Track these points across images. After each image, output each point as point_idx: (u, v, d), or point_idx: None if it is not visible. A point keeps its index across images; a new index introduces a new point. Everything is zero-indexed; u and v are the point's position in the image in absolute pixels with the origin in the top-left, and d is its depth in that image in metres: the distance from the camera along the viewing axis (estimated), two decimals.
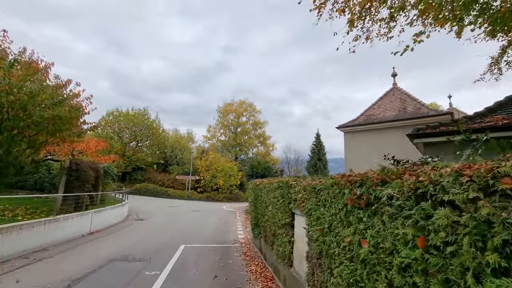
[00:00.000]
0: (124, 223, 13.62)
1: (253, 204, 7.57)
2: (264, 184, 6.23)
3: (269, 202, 5.76)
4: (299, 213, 3.95)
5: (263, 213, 6.37)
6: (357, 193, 2.18)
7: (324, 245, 2.84)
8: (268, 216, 5.78)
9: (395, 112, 15.16)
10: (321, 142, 46.26)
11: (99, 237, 9.65)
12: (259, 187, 6.70)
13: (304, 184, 3.71)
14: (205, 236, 10.41)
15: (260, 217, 6.75)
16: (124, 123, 37.67)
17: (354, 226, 2.23)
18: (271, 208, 5.44)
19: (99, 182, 12.94)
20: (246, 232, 11.78)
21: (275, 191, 5.25)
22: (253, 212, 7.57)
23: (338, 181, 2.63)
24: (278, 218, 4.92)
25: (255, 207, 7.33)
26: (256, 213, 7.27)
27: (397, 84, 16.73)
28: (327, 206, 2.83)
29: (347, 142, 16.22)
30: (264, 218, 6.24)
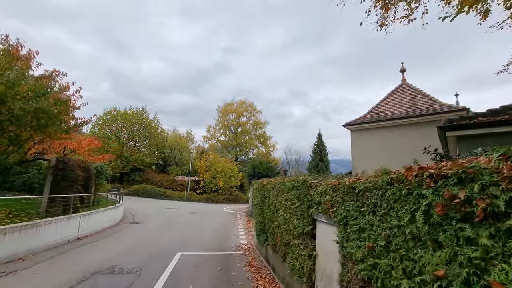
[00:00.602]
0: (118, 226, 12.69)
1: (258, 207, 6.67)
2: (273, 184, 5.33)
3: (279, 205, 4.86)
4: (325, 220, 3.04)
5: (271, 218, 5.47)
6: (459, 195, 1.29)
7: (377, 270, 1.94)
8: (278, 221, 4.87)
9: (405, 109, 14.28)
10: (323, 143, 45.48)
11: (87, 243, 8.73)
12: (266, 188, 5.80)
13: (334, 183, 2.81)
14: (204, 241, 9.49)
15: (267, 222, 5.84)
16: (122, 123, 36.73)
17: (451, 250, 1.33)
18: (283, 213, 4.54)
19: (90, 183, 12.03)
20: (248, 237, 10.86)
21: (288, 192, 4.35)
22: (259, 216, 6.66)
23: (402, 177, 1.73)
24: (293, 225, 4.02)
25: (261, 211, 6.43)
26: (262, 217, 6.36)
27: (406, 80, 15.90)
28: (381, 213, 1.92)
29: (354, 141, 15.37)
30: (273, 223, 5.33)
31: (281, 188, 4.76)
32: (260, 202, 6.37)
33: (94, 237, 9.70)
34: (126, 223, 13.84)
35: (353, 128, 15.08)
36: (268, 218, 5.70)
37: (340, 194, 2.65)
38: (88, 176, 11.67)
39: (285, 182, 4.61)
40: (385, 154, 13.11)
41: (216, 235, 10.83)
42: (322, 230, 3.20)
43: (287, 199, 4.43)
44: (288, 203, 4.33)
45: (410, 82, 15.77)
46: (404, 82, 15.84)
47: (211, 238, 10.22)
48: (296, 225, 3.93)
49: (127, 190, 34.19)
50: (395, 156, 13.19)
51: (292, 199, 4.11)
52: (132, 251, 7.73)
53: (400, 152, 12.94)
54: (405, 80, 15.92)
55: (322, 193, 3.12)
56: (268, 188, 5.66)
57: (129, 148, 37.25)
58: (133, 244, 8.80)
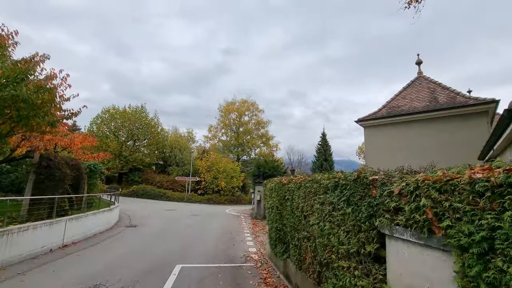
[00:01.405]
0: (111, 231, 11.51)
1: (275, 211, 5.48)
2: (299, 183, 4.15)
3: (310, 210, 3.67)
4: (415, 239, 1.85)
5: (296, 226, 4.28)
6: None
7: None
8: (309, 232, 3.68)
9: (424, 103, 13.10)
10: (327, 142, 44.27)
11: (73, 252, 7.55)
12: (288, 188, 4.62)
13: (439, 178, 1.64)
14: (207, 249, 8.29)
15: (289, 231, 4.65)
16: (120, 121, 35.60)
17: None
18: (318, 221, 3.35)
19: (81, 183, 10.87)
20: (257, 243, 9.67)
21: (326, 193, 3.17)
22: (275, 222, 5.47)
23: None
24: (339, 239, 2.83)
25: (279, 216, 5.23)
26: (280, 224, 5.18)
27: (423, 72, 14.75)
28: None
29: (368, 138, 14.21)
30: (298, 233, 4.15)
31: (313, 187, 3.57)
32: (277, 206, 5.18)
33: (82, 244, 8.53)
34: (122, 227, 12.66)
35: (366, 124, 13.93)
36: (290, 226, 4.51)
37: (464, 196, 1.47)
38: (78, 176, 10.51)
39: (320, 180, 3.43)
40: (402, 150, 11.98)
41: (221, 242, 9.63)
42: (404, 254, 2.01)
43: (324, 202, 3.24)
44: (327, 209, 3.14)
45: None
46: (421, 75, 14.74)
47: (215, 245, 9.02)
48: (344, 241, 2.74)
49: (126, 191, 33.05)
50: (413, 152, 11.99)
51: (336, 202, 2.92)
52: (124, 263, 6.55)
53: (418, 148, 11.80)
54: (421, 72, 14.80)
55: (406, 195, 1.94)
56: (290, 188, 4.48)
57: (128, 148, 36.10)
58: (126, 252, 7.62)
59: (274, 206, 5.50)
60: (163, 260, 6.90)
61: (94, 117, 35.90)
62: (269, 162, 19.43)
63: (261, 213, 17.93)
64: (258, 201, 18.07)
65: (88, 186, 12.94)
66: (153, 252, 7.77)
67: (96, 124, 35.78)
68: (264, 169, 17.93)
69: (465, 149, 10.02)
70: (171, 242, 9.28)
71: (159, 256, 7.25)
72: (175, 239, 9.74)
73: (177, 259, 6.98)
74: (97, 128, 35.45)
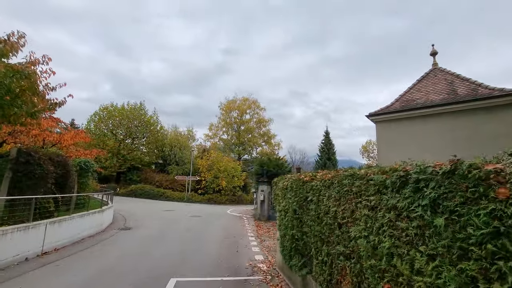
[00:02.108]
0: (103, 234, 10.50)
1: (291, 215, 4.43)
2: (329, 180, 3.11)
3: (349, 216, 2.63)
4: None
5: (324, 237, 3.23)
6: None
7: None
8: (348, 247, 2.64)
9: (441, 96, 12.05)
10: (331, 141, 43.32)
11: (52, 261, 6.53)
12: (312, 187, 3.58)
13: None
14: (208, 257, 7.26)
15: (313, 242, 3.60)
16: (119, 119, 34.59)
17: None
18: (367, 233, 2.31)
19: (69, 181, 9.85)
20: (263, 249, 8.64)
21: (381, 194, 2.14)
22: (292, 228, 4.42)
23: None
24: (416, 267, 1.79)
25: (297, 221, 4.19)
26: (299, 231, 4.13)
27: (438, 64, 13.72)
28: None
29: (380, 134, 13.18)
30: (330, 247, 3.10)
31: (356, 186, 2.54)
32: (295, 209, 4.13)
33: (66, 251, 7.51)
34: (115, 229, 11.66)
35: (378, 118, 12.91)
36: (315, 236, 3.47)
37: None
38: (65, 173, 9.49)
39: (366, 173, 2.39)
40: (419, 146, 11.00)
41: (223, 247, 8.60)
42: None
43: (377, 206, 2.21)
44: (384, 217, 2.10)
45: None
46: (436, 67, 13.69)
47: (217, 252, 7.98)
48: (426, 270, 1.70)
49: (124, 190, 32.07)
50: (431, 148, 10.94)
51: (406, 208, 1.88)
52: (108, 276, 5.52)
53: (437, 144, 10.79)
54: (436, 64, 13.76)
55: None
56: (315, 186, 3.44)
57: (126, 146, 35.10)
58: (114, 261, 6.59)
59: (290, 209, 4.45)
60: (155, 271, 5.88)
61: (91, 115, 34.95)
62: (273, 160, 18.38)
63: (264, 214, 16.91)
64: (261, 201, 17.05)
65: (79, 185, 11.94)
66: (146, 260, 6.75)
67: (94, 122, 34.82)
68: (267, 167, 16.88)
69: (490, 144, 9.05)
70: (168, 248, 8.25)
71: (152, 266, 6.23)
72: (172, 245, 8.72)
73: (172, 270, 5.96)
74: (95, 126, 34.50)
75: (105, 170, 33.14)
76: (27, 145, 12.05)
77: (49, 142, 12.74)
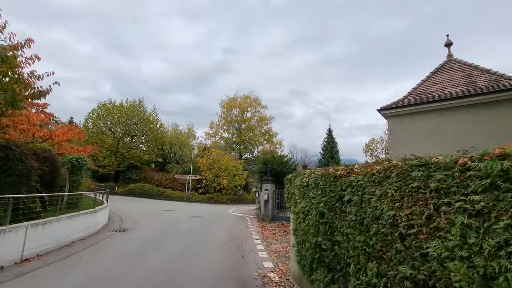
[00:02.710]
0: (95, 237, 9.66)
1: (315, 219, 3.57)
2: (382, 173, 2.26)
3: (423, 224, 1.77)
4: None
5: (373, 251, 2.37)
6: None
7: None
8: (423, 269, 1.78)
9: (459, 88, 11.19)
10: (334, 139, 42.47)
11: (31, 270, 5.68)
12: (350, 183, 2.72)
13: None
14: (210, 265, 6.41)
15: (352, 255, 2.73)
16: (117, 116, 33.72)
17: None
18: (468, 253, 1.45)
19: (57, 179, 9.02)
20: (271, 254, 7.79)
21: (498, 192, 1.27)
22: (317, 235, 3.56)
23: None
24: None
25: (325, 227, 3.31)
26: (327, 239, 3.27)
27: (453, 55, 12.87)
28: None
29: (394, 129, 12.35)
30: (384, 266, 2.24)
31: (437, 180, 1.68)
32: (324, 211, 3.26)
33: (51, 257, 6.66)
34: (109, 231, 10.82)
35: (391, 113, 12.06)
36: (355, 247, 2.61)
37: None
38: (53, 170, 8.66)
39: (457, 160, 1.53)
40: (435, 142, 10.19)
41: (227, 253, 7.75)
42: None
43: (483, 212, 1.35)
44: (509, 228, 1.25)
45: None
46: (451, 58, 12.82)
47: (220, 258, 7.13)
48: None
49: (122, 189, 31.24)
50: (448, 143, 10.09)
51: None
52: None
53: (455, 138, 10.02)
54: (451, 55, 12.89)
55: None
56: (356, 182, 2.59)
57: (125, 144, 34.24)
58: (102, 271, 5.73)
59: (313, 211, 3.59)
60: (150, 284, 5.04)
61: (89, 112, 34.11)
62: (277, 158, 17.55)
63: (268, 215, 16.07)
64: (265, 200, 16.20)
65: (70, 184, 11.11)
66: (139, 270, 5.90)
67: (91, 120, 33.98)
68: (272, 165, 16.03)
69: None
70: (165, 253, 7.41)
71: (146, 277, 5.38)
72: (170, 249, 7.87)
73: (169, 280, 5.12)
74: (93, 124, 33.66)
75: (103, 169, 32.33)
76: (14, 140, 11.23)
77: (39, 137, 11.90)
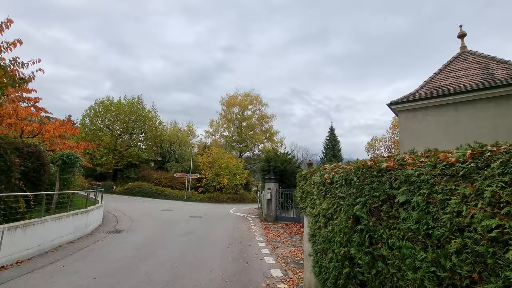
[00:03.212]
0: (87, 239, 8.92)
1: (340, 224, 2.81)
2: (466, 165, 1.53)
3: None
4: None
5: (455, 276, 1.64)
6: None
7: None
8: None
9: (476, 80, 10.45)
10: (336, 137, 41.73)
11: (6, 279, 4.96)
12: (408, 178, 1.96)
13: None
14: (211, 274, 5.67)
15: (416, 281, 1.98)
16: (115, 113, 32.92)
17: None
18: None
19: (43, 177, 8.26)
20: (279, 259, 7.05)
21: None
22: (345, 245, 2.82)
23: None
24: None
25: (363, 236, 2.51)
26: (366, 252, 2.50)
27: (467, 47, 12.16)
28: None
29: (405, 124, 11.64)
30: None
31: None
32: (362, 215, 2.49)
33: (31, 264, 5.92)
34: (103, 233, 10.09)
35: (402, 107, 11.35)
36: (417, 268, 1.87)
37: None
38: (39, 167, 7.90)
39: None
40: (450, 138, 9.47)
41: (229, 258, 7.00)
42: None
43: None
44: None
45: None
46: (465, 50, 12.11)
47: (222, 265, 6.39)
48: None
49: (120, 188, 30.50)
50: (465, 139, 9.45)
51: None
52: None
53: (472, 134, 9.30)
54: (465, 47, 12.16)
55: None
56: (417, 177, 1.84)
57: (123, 142, 33.47)
58: (84, 284, 5.01)
59: (343, 215, 2.84)
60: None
61: (86, 109, 33.32)
62: (281, 155, 16.79)
63: (271, 215, 15.34)
64: (268, 200, 15.46)
65: (61, 182, 10.37)
66: (130, 280, 5.17)
67: (89, 117, 33.20)
68: (275, 163, 15.28)
69: None
70: (160, 259, 6.67)
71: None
72: (167, 254, 7.13)
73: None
74: (90, 121, 32.89)
75: (101, 168, 31.58)
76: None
77: (29, 132, 11.16)
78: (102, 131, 32.76)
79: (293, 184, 17.19)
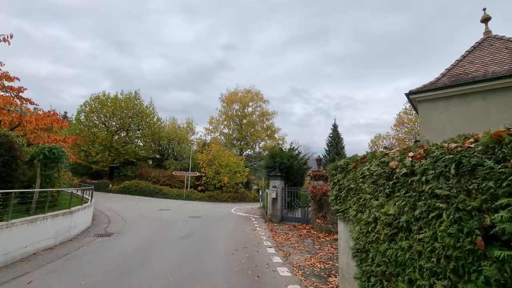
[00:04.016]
0: (69, 245, 7.72)
1: (430, 242, 1.71)
2: None
3: None
4: None
5: None
6: None
7: None
8: None
9: (506, 66, 9.26)
10: (339, 134, 40.59)
11: None
12: None
13: None
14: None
15: None
16: (112, 109, 31.63)
17: None
18: None
19: (16, 172, 7.05)
20: (294, 270, 5.88)
21: None
22: (446, 279, 1.69)
23: None
24: None
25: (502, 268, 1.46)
26: None
27: (491, 32, 10.99)
28: None
29: (425, 116, 10.49)
30: None
31: None
32: (506, 226, 1.44)
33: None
34: (90, 236, 8.92)
35: (422, 97, 10.20)
36: None
37: None
38: (10, 161, 6.70)
39: None
40: (477, 129, 8.30)
41: (236, 269, 5.81)
42: None
43: None
44: None
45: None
46: (489, 35, 10.92)
47: (228, 279, 5.20)
48: None
49: (117, 187, 29.29)
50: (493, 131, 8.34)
51: None
52: None
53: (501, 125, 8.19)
54: (489, 31, 10.99)
55: None
56: None
57: (120, 139, 32.21)
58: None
59: (441, 225, 1.68)
60: None
61: (81, 105, 32.02)
62: (286, 151, 15.63)
63: (277, 215, 14.18)
64: (273, 199, 14.30)
65: (42, 179, 9.18)
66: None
67: (84, 113, 31.89)
68: (281, 158, 14.10)
69: None
70: (153, 270, 5.49)
71: None
72: (161, 264, 5.95)
73: None
74: (85, 117, 31.60)
75: (97, 165, 30.35)
76: None
77: (8, 123, 9.94)
78: (97, 127, 31.50)
79: (299, 182, 16.04)
